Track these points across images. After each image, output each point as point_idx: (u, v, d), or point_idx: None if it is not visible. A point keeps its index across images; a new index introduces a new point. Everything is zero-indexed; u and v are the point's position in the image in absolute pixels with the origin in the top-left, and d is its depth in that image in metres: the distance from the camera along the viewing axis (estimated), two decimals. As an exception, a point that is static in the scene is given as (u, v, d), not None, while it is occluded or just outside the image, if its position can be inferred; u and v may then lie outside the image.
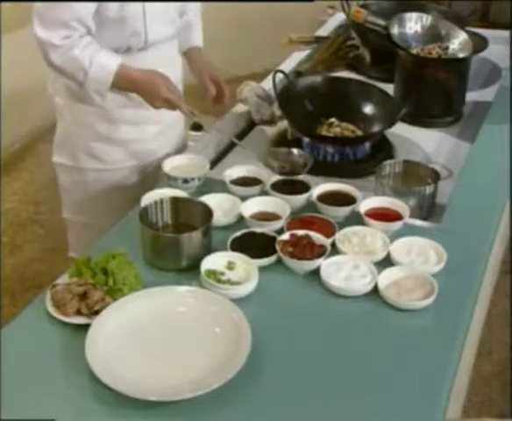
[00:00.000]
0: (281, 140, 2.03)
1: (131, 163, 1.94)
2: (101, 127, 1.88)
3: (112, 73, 1.74)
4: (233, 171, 1.75)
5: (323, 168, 1.87)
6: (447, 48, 2.23)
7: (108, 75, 1.74)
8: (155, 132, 1.95)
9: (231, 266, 1.44)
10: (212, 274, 1.41)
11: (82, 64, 1.71)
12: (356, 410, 1.17)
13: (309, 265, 1.45)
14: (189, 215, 1.56)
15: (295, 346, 1.30)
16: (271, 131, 2.10)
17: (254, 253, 1.46)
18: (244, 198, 1.64)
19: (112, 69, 1.74)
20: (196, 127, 3.36)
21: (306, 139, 1.94)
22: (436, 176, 1.71)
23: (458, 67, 2.19)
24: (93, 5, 1.70)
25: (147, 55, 1.83)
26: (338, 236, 1.53)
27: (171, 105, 1.77)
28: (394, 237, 1.53)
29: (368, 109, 2.06)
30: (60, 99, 1.92)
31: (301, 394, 1.20)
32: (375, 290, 1.40)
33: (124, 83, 1.77)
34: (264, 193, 1.68)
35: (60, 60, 1.72)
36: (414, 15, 2.30)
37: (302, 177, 1.73)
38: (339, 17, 2.94)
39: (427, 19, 2.30)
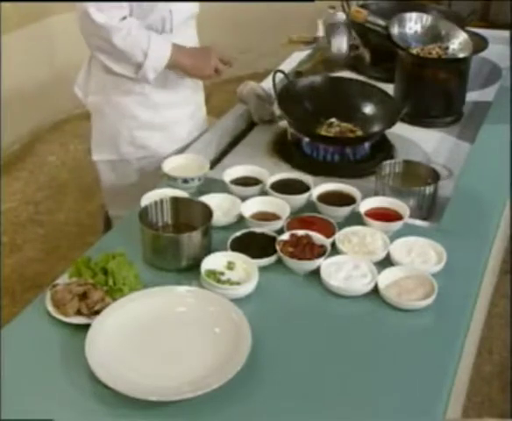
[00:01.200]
0: (281, 140, 2.03)
1: (172, 148, 1.98)
2: (143, 114, 1.95)
3: (169, 49, 1.84)
4: (233, 171, 1.75)
5: (323, 168, 1.87)
6: (447, 48, 2.23)
7: (165, 52, 1.84)
8: (189, 113, 2.05)
9: (231, 266, 1.44)
10: (212, 274, 1.41)
11: (141, 44, 1.80)
12: (356, 409, 1.17)
13: (309, 265, 1.45)
14: (189, 215, 1.56)
15: (295, 345, 1.30)
16: (271, 131, 2.10)
17: (254, 253, 1.46)
18: (244, 198, 1.64)
19: (168, 46, 1.84)
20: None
21: (306, 139, 1.94)
22: (436, 176, 1.71)
23: (458, 67, 2.19)
24: None
25: (174, 37, 1.90)
26: (338, 236, 1.53)
27: (227, 63, 1.97)
28: (394, 237, 1.53)
29: (368, 109, 2.06)
30: (97, 97, 1.98)
31: (301, 394, 1.20)
32: (375, 290, 1.40)
33: (179, 57, 1.87)
34: (264, 193, 1.68)
35: (122, 41, 1.79)
36: (414, 15, 2.30)
37: (302, 177, 1.74)
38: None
39: (427, 19, 2.31)
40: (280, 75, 2.15)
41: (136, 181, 2.00)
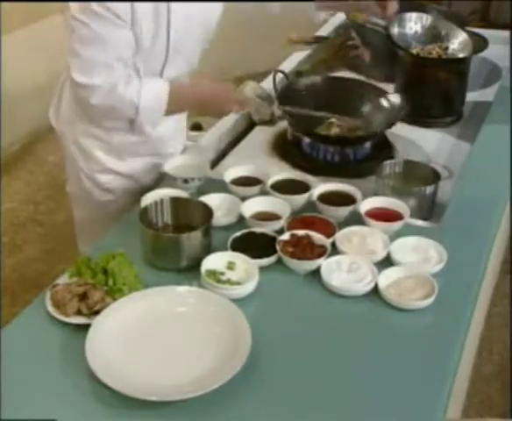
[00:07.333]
0: (281, 140, 2.03)
1: (138, 192, 1.83)
2: (107, 160, 1.83)
3: (166, 95, 1.68)
4: (233, 171, 1.75)
5: (323, 168, 1.87)
6: (447, 48, 2.23)
7: (161, 100, 1.68)
8: (158, 162, 1.85)
9: (231, 266, 1.44)
10: (212, 274, 1.41)
11: (131, 100, 1.65)
12: (356, 410, 1.17)
13: (310, 265, 1.45)
14: (189, 215, 1.56)
15: (295, 345, 1.30)
16: (271, 131, 2.10)
17: (254, 253, 1.46)
18: (244, 198, 1.64)
19: (164, 93, 1.68)
20: (196, 127, 3.36)
21: (306, 139, 1.94)
22: (436, 176, 1.71)
23: (458, 67, 2.19)
24: (134, 42, 1.62)
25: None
26: (338, 236, 1.53)
27: (241, 107, 1.83)
28: (394, 237, 1.53)
29: (368, 109, 2.06)
30: (64, 129, 1.86)
31: (301, 394, 1.20)
32: (375, 290, 1.40)
33: (186, 101, 1.76)
34: (264, 193, 1.68)
35: (103, 100, 1.63)
36: (414, 15, 2.30)
37: (302, 177, 1.74)
38: (339, 17, 2.94)
39: (427, 19, 2.30)
40: (280, 75, 2.15)
41: (102, 217, 1.87)
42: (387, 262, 1.47)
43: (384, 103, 2.04)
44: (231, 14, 2.10)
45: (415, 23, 2.29)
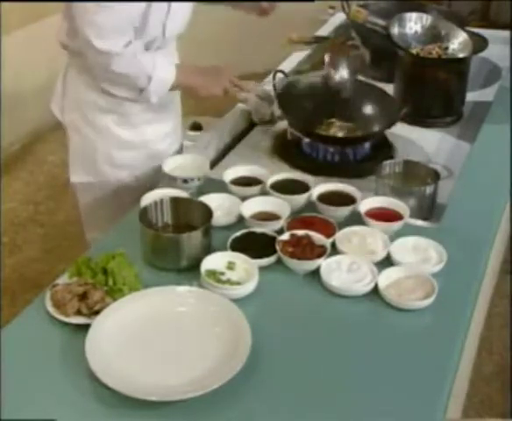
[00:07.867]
0: (281, 140, 2.03)
1: (151, 166, 1.92)
2: (122, 133, 1.88)
3: (173, 73, 1.80)
4: (233, 171, 1.75)
5: (323, 168, 1.87)
6: (447, 48, 2.23)
7: (170, 76, 1.80)
8: (168, 130, 1.97)
9: (231, 266, 1.44)
10: (212, 274, 1.41)
11: (146, 70, 1.75)
12: (356, 410, 1.17)
13: (309, 265, 1.45)
14: (189, 215, 1.56)
15: (295, 346, 1.30)
16: (271, 131, 2.10)
17: (254, 253, 1.46)
18: (244, 198, 1.64)
19: (173, 70, 1.80)
20: (196, 127, 3.37)
21: (306, 139, 1.94)
22: (436, 176, 1.71)
23: (458, 67, 2.19)
24: (143, 6, 1.70)
25: (163, 53, 1.85)
26: (338, 236, 1.53)
27: (237, 87, 1.90)
28: (394, 237, 1.53)
29: (368, 109, 2.06)
30: (73, 114, 1.89)
31: (301, 394, 1.20)
32: (375, 290, 1.40)
33: (187, 77, 1.85)
34: (264, 193, 1.68)
35: (123, 67, 1.73)
36: (414, 15, 2.30)
37: (302, 177, 1.74)
38: (339, 17, 2.94)
39: (427, 19, 2.30)
40: (280, 75, 2.15)
41: (114, 202, 1.92)
42: (387, 262, 1.47)
43: (384, 103, 2.04)
44: (231, 14, 2.10)
45: (415, 23, 2.29)
